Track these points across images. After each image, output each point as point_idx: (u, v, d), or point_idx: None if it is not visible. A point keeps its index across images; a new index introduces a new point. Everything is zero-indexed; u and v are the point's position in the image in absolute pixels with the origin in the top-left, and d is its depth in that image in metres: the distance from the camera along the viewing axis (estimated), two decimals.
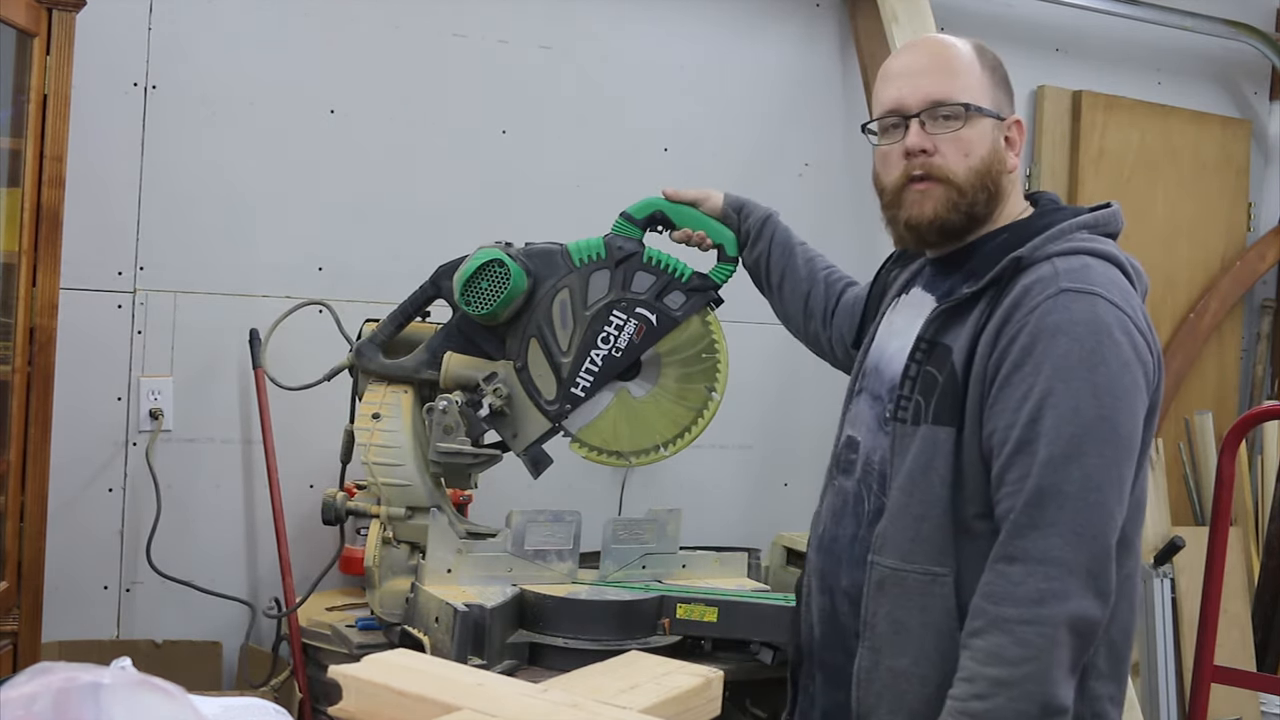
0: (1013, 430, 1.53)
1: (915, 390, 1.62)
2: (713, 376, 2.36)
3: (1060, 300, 1.54)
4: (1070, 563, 1.48)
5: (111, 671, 0.99)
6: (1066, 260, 1.59)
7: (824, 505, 1.80)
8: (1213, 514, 2.61)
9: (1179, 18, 3.94)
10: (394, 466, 2.32)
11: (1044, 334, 1.53)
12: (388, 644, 2.26)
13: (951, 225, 1.67)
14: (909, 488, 1.61)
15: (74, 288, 2.60)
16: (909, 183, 1.67)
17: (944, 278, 1.72)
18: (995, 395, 1.56)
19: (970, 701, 1.49)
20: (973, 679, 1.50)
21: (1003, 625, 1.49)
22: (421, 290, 2.39)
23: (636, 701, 1.20)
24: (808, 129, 3.50)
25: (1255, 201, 4.26)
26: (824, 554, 1.75)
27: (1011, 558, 1.51)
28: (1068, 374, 1.51)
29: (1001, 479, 1.54)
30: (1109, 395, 1.52)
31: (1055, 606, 1.48)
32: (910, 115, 1.66)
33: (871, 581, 1.63)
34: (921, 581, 1.59)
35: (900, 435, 1.63)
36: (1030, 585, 1.48)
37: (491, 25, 3.12)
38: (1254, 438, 4.01)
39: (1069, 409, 1.50)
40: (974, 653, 1.51)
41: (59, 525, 2.54)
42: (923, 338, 1.64)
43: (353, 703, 1.18)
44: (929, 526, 1.59)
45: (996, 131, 1.68)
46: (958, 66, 1.68)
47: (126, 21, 2.77)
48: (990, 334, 1.57)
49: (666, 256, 2.34)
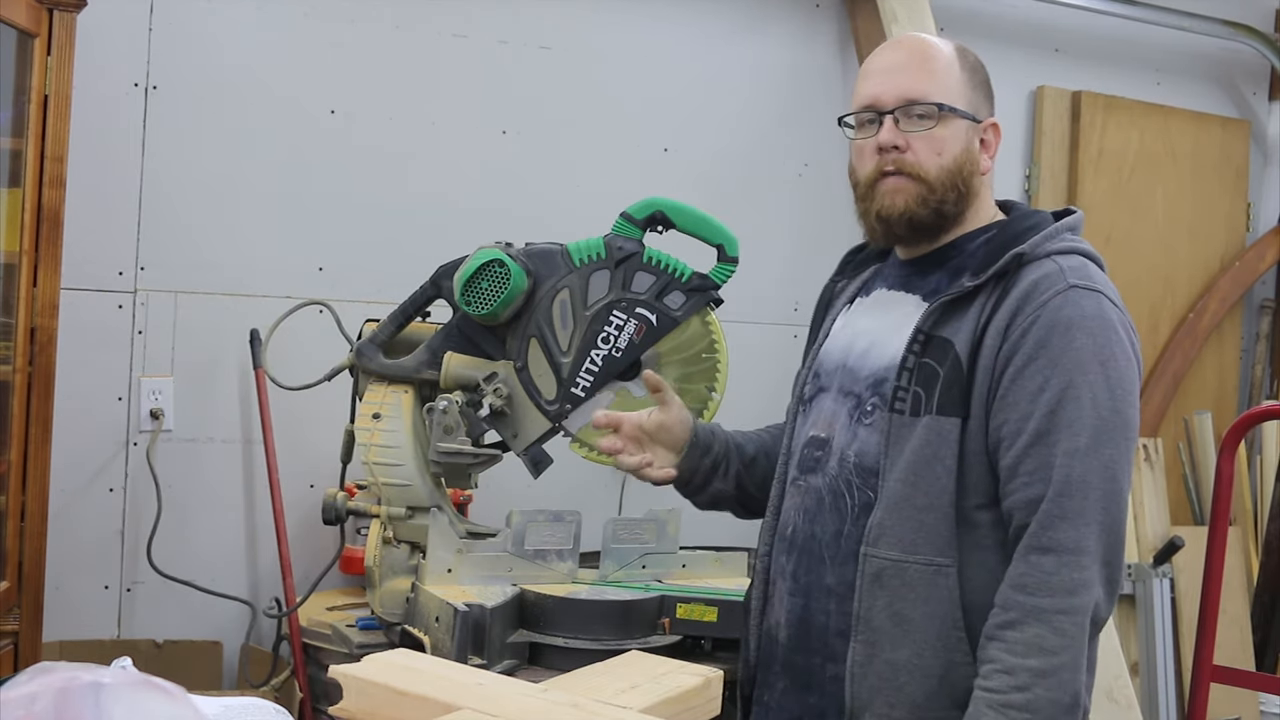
0: (1028, 421, 1.55)
1: (913, 382, 1.63)
2: (712, 376, 2.36)
3: (1071, 296, 1.58)
4: (1095, 553, 1.53)
5: (112, 671, 0.99)
6: (1067, 259, 1.63)
7: (787, 506, 1.78)
8: (1212, 514, 2.61)
9: (1178, 18, 3.94)
10: (394, 466, 2.32)
11: (1058, 328, 1.56)
12: (388, 644, 2.26)
13: (921, 220, 1.69)
14: (911, 479, 1.61)
15: (75, 288, 2.61)
16: (881, 177, 1.70)
17: (921, 276, 1.74)
18: (1007, 387, 1.58)
19: (1011, 694, 1.51)
20: (1012, 671, 1.51)
21: (1040, 616, 1.51)
22: (421, 290, 2.39)
23: (636, 701, 1.20)
24: (807, 129, 3.51)
25: (1254, 201, 4.26)
26: (798, 554, 1.73)
27: (1044, 548, 1.53)
28: (1084, 367, 1.55)
29: (1015, 469, 1.56)
30: (1120, 389, 1.56)
31: (1085, 596, 1.52)
32: (885, 111, 1.69)
33: (865, 575, 1.63)
34: (925, 573, 1.59)
35: (896, 426, 1.63)
36: (1064, 575, 1.52)
37: (491, 25, 3.13)
38: (1253, 438, 4.01)
39: (1088, 401, 1.54)
40: (1010, 645, 1.53)
41: (59, 525, 2.54)
42: (920, 329, 1.64)
43: (353, 702, 1.19)
44: (934, 517, 1.60)
45: (971, 133, 1.70)
46: (936, 66, 1.70)
47: (127, 22, 2.77)
48: (998, 327, 1.59)
49: (666, 256, 2.34)
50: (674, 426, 1.85)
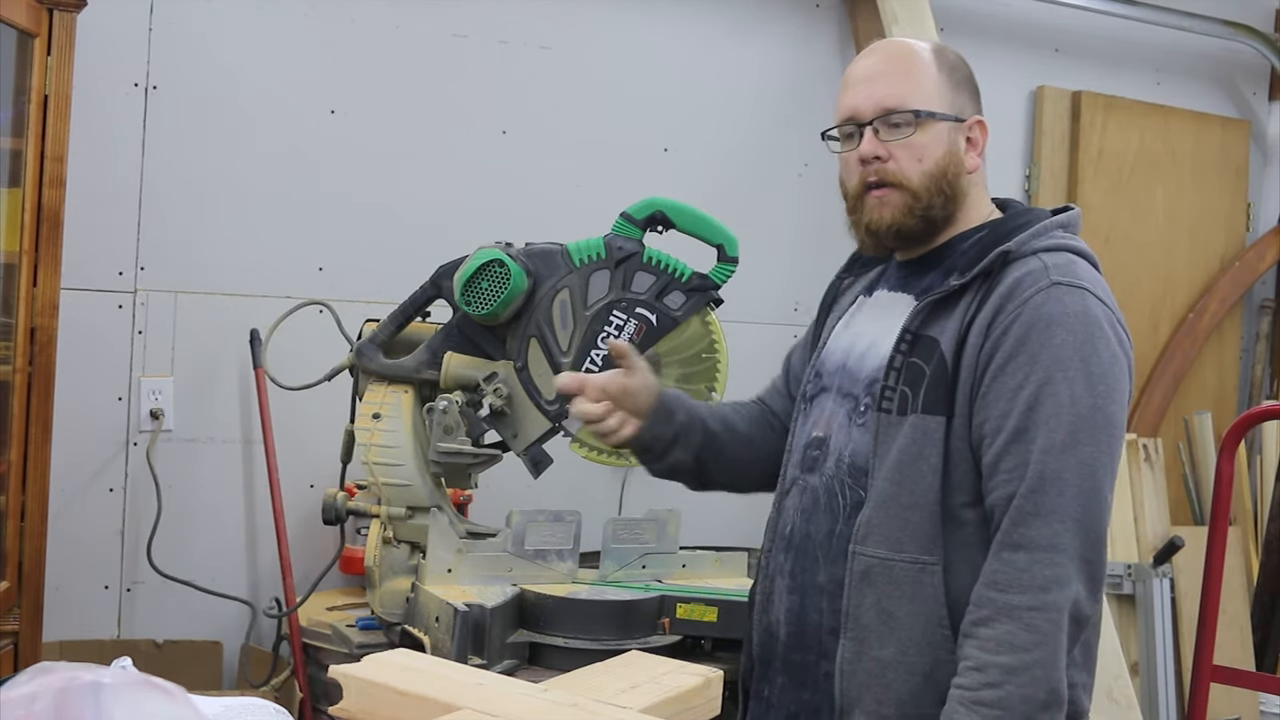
0: (1007, 419, 1.55)
1: (900, 381, 1.63)
2: (713, 376, 2.37)
3: (1053, 293, 1.58)
4: (1071, 550, 1.52)
5: (112, 671, 0.99)
6: (1053, 256, 1.63)
7: (788, 505, 1.79)
8: (1212, 514, 2.61)
9: (1178, 18, 3.94)
10: (394, 466, 2.32)
11: (1038, 325, 1.56)
12: (388, 644, 2.27)
13: (909, 230, 1.70)
14: (897, 478, 1.62)
15: (75, 288, 2.60)
16: (866, 190, 1.71)
17: (917, 277, 1.74)
18: (989, 384, 1.58)
19: (981, 690, 1.51)
20: (983, 668, 1.52)
21: (1011, 612, 1.51)
22: (421, 290, 2.39)
23: (636, 701, 1.20)
24: (807, 129, 3.47)
25: (1254, 201, 4.26)
26: (795, 553, 1.75)
27: (1016, 545, 1.53)
28: (1064, 364, 1.55)
29: (996, 466, 1.57)
30: (1102, 385, 1.56)
31: (1059, 593, 1.51)
32: (864, 123, 1.70)
33: (854, 573, 1.64)
34: (910, 571, 1.60)
35: (884, 425, 1.64)
36: (1036, 572, 1.51)
37: (491, 25, 3.13)
38: (1253, 438, 4.01)
39: (1067, 398, 1.54)
40: (982, 642, 1.53)
41: (59, 525, 2.54)
42: (908, 329, 1.65)
43: (353, 702, 1.19)
44: (920, 516, 1.60)
45: (954, 134, 1.70)
46: (913, 71, 1.70)
47: (127, 22, 2.77)
48: (981, 324, 1.60)
49: (666, 256, 2.34)
50: (639, 392, 1.83)
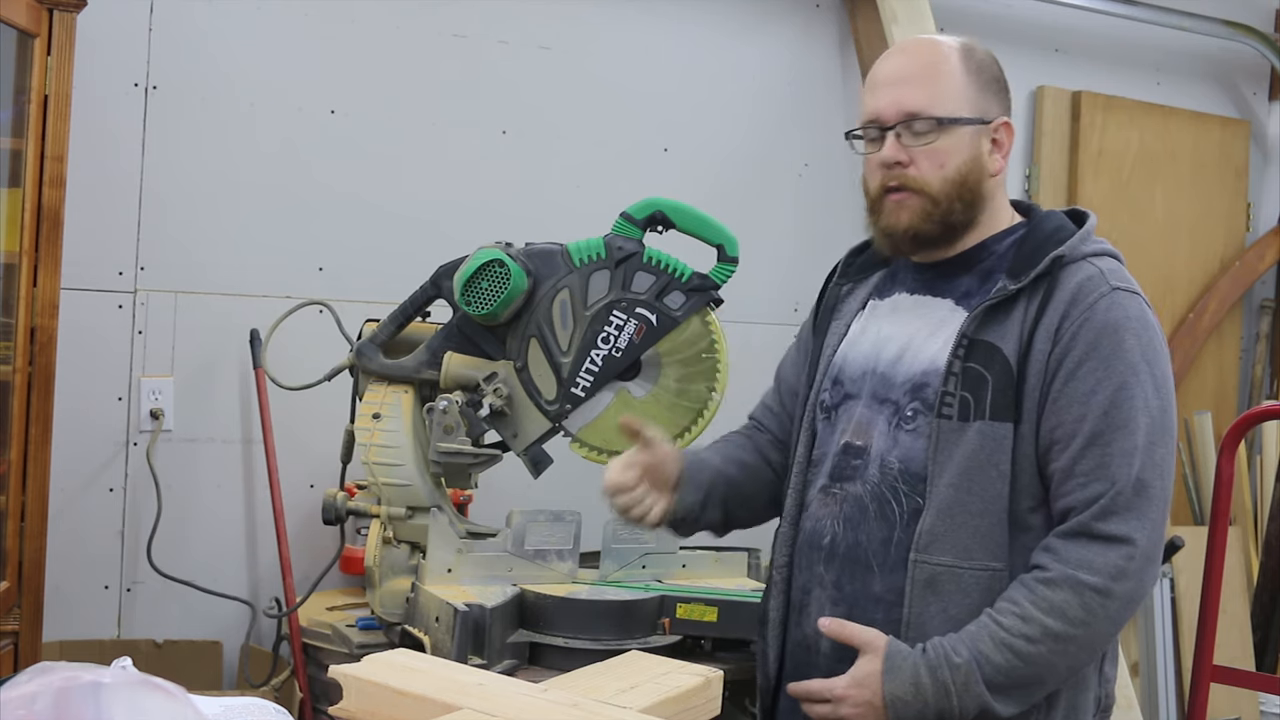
0: (1083, 423, 1.58)
1: (960, 387, 1.63)
2: (713, 376, 2.37)
3: (1115, 298, 1.62)
4: (1146, 550, 1.57)
5: (112, 671, 0.99)
6: (1101, 261, 1.67)
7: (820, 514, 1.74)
8: (1212, 514, 2.61)
9: (1178, 18, 3.94)
10: (394, 466, 2.32)
11: (1108, 330, 1.59)
12: (388, 644, 2.27)
13: (926, 235, 1.70)
14: (964, 484, 1.61)
15: (74, 288, 2.60)
16: (886, 193, 1.70)
17: (946, 280, 1.73)
18: (1059, 390, 1.60)
19: (1018, 639, 1.55)
20: (1028, 619, 1.55)
21: (1075, 585, 1.55)
22: (421, 290, 2.39)
23: (636, 701, 1.20)
24: (807, 129, 3.51)
25: (1254, 202, 4.26)
26: (841, 563, 1.70)
27: (1096, 535, 1.56)
28: (1136, 368, 1.59)
29: (1071, 470, 1.58)
30: (1165, 389, 1.62)
31: (1125, 584, 1.56)
32: (887, 127, 1.69)
33: (917, 581, 1.62)
34: (980, 578, 1.61)
35: (945, 432, 1.63)
36: (1111, 560, 1.55)
37: (491, 25, 3.12)
38: (1253, 438, 4.01)
39: (1141, 402, 1.58)
40: (1037, 598, 1.56)
41: (59, 525, 2.54)
42: (965, 334, 1.64)
43: (353, 702, 1.19)
44: (989, 523, 1.61)
45: (978, 137, 1.69)
46: (939, 74, 1.69)
47: (127, 22, 2.77)
48: (1047, 329, 1.61)
49: (666, 256, 2.34)
50: (662, 464, 1.79)
